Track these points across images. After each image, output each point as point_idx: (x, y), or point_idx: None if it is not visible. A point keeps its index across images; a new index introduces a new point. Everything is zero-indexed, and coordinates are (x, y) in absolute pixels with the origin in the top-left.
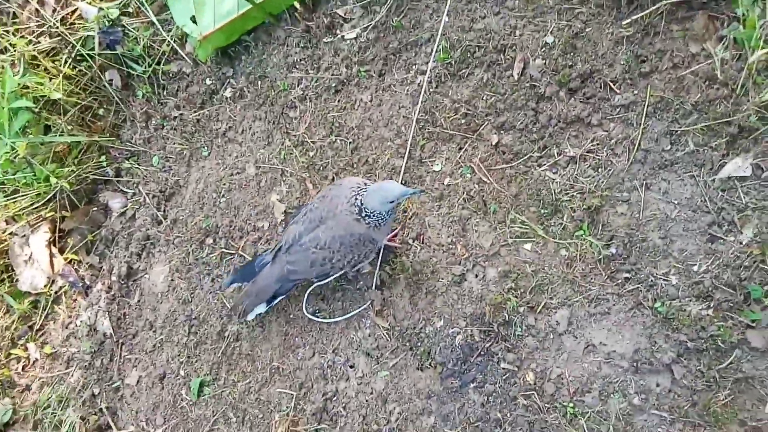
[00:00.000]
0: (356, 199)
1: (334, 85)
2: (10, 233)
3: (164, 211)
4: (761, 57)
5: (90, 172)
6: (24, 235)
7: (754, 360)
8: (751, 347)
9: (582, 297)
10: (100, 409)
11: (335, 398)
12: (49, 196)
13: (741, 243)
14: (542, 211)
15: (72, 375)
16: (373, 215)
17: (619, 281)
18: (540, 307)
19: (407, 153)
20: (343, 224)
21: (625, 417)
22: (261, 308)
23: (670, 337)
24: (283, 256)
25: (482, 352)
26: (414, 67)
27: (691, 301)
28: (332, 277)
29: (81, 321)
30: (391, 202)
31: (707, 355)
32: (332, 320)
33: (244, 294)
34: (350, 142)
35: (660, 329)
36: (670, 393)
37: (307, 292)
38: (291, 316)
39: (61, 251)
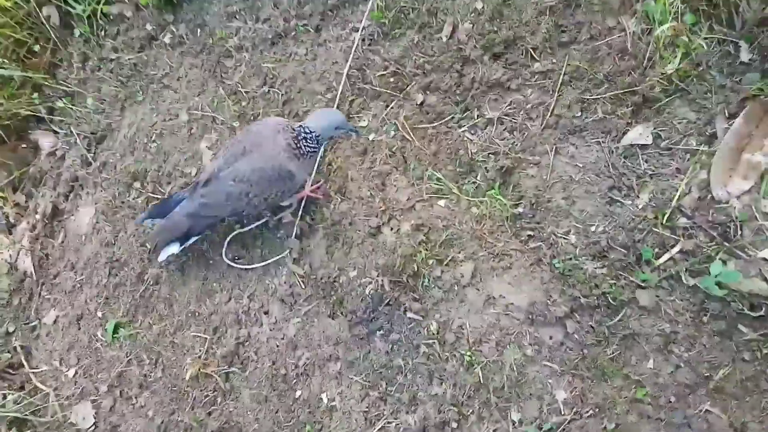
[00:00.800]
0: (288, 127)
1: (270, 37)
2: None
3: (94, 153)
4: (667, 31)
5: (22, 108)
6: None
7: (642, 318)
8: (639, 306)
9: (487, 252)
10: (14, 348)
11: (247, 343)
12: None
13: (637, 207)
14: (458, 170)
15: None
16: (310, 139)
17: (523, 238)
18: (448, 260)
19: (335, 106)
20: (266, 156)
21: (518, 367)
22: (174, 248)
23: (564, 293)
24: (199, 190)
25: (390, 302)
26: (350, 24)
27: (587, 259)
28: (250, 227)
29: (2, 258)
30: (336, 129)
31: (599, 312)
32: (250, 266)
33: (157, 230)
34: (282, 94)
35: (556, 285)
36: (561, 346)
37: (228, 238)
38: (210, 262)
39: None
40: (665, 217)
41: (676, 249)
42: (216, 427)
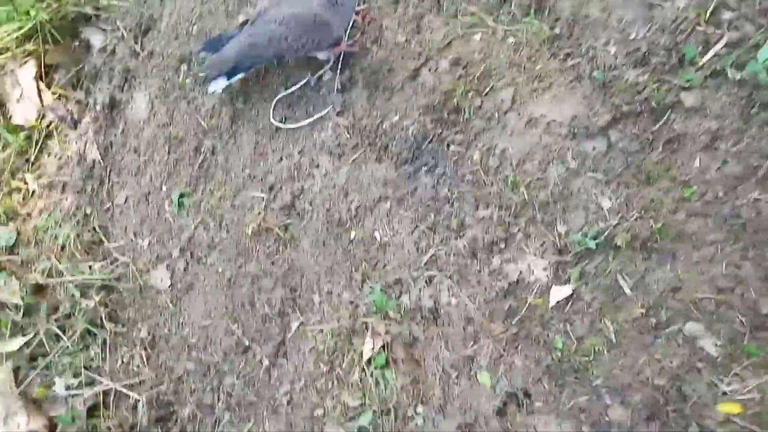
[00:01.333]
0: None
1: None
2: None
3: (141, 44)
4: None
5: (69, 8)
6: (12, 70)
7: (687, 120)
8: (684, 108)
9: (526, 77)
10: (93, 228)
11: (302, 196)
12: (29, 29)
13: (678, 8)
14: (491, 1)
15: (67, 199)
16: None
17: (561, 57)
18: (487, 91)
19: None
20: (304, 1)
21: (562, 182)
22: (222, 82)
23: (606, 103)
24: (248, 28)
25: (433, 139)
26: None
27: (628, 68)
28: (293, 89)
29: (72, 151)
30: None
31: (642, 118)
32: (297, 125)
33: (207, 63)
34: None
35: (597, 96)
36: (605, 156)
37: (274, 102)
38: (260, 126)
39: (49, 87)
40: (708, 14)
41: (721, 43)
42: (280, 274)
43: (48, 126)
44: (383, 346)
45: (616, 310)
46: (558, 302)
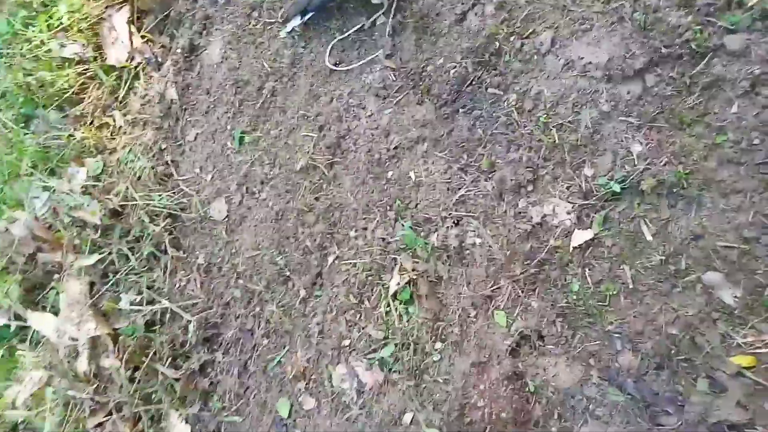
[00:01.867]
0: None
1: None
2: (100, 18)
3: None
4: None
5: None
6: (110, 15)
7: (729, 64)
8: (727, 51)
9: (568, 19)
10: (166, 162)
11: (347, 136)
12: None
13: None
14: None
15: (146, 135)
16: None
17: (604, 0)
18: (528, 33)
19: None
20: None
21: (594, 125)
22: (296, 20)
23: (645, 45)
24: None
25: (473, 81)
26: None
27: (671, 9)
28: (348, 32)
29: (154, 91)
30: None
31: (681, 62)
32: (349, 67)
33: (287, 6)
34: None
35: (636, 38)
36: (639, 100)
37: (329, 45)
38: (317, 69)
39: (139, 31)
40: None
41: None
42: (322, 209)
43: (136, 67)
44: (408, 282)
45: (635, 256)
46: (579, 246)
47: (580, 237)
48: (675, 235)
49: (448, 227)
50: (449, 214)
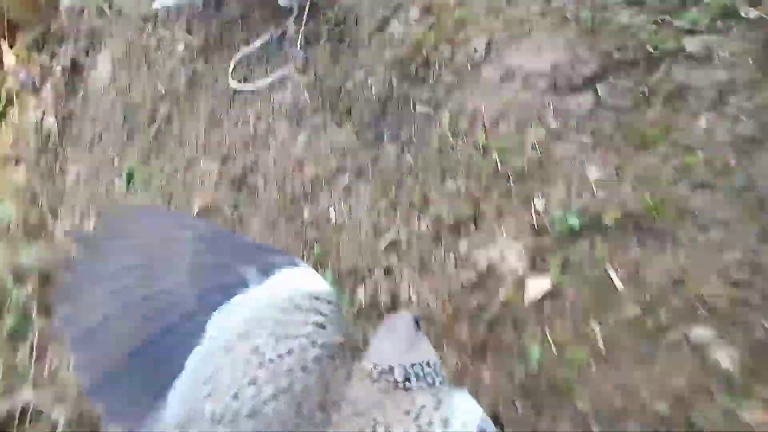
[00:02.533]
0: None
1: None
2: None
3: (110, 3)
4: None
5: None
6: None
7: (691, 70)
8: (687, 55)
9: (504, 22)
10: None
11: (255, 168)
12: None
13: None
14: None
15: (18, 175)
16: None
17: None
18: (460, 40)
19: None
20: None
21: (541, 145)
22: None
23: (594, 49)
24: None
25: (399, 99)
26: None
27: (621, 7)
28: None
29: (30, 121)
30: None
31: (636, 68)
32: (254, 87)
33: None
34: None
35: (584, 41)
36: (592, 115)
37: (232, 61)
38: (218, 89)
39: (12, 48)
40: None
41: None
42: None
43: (9, 92)
44: None
45: (605, 309)
46: (535, 299)
47: (535, 287)
48: (650, 281)
49: (377, 280)
50: (379, 263)
